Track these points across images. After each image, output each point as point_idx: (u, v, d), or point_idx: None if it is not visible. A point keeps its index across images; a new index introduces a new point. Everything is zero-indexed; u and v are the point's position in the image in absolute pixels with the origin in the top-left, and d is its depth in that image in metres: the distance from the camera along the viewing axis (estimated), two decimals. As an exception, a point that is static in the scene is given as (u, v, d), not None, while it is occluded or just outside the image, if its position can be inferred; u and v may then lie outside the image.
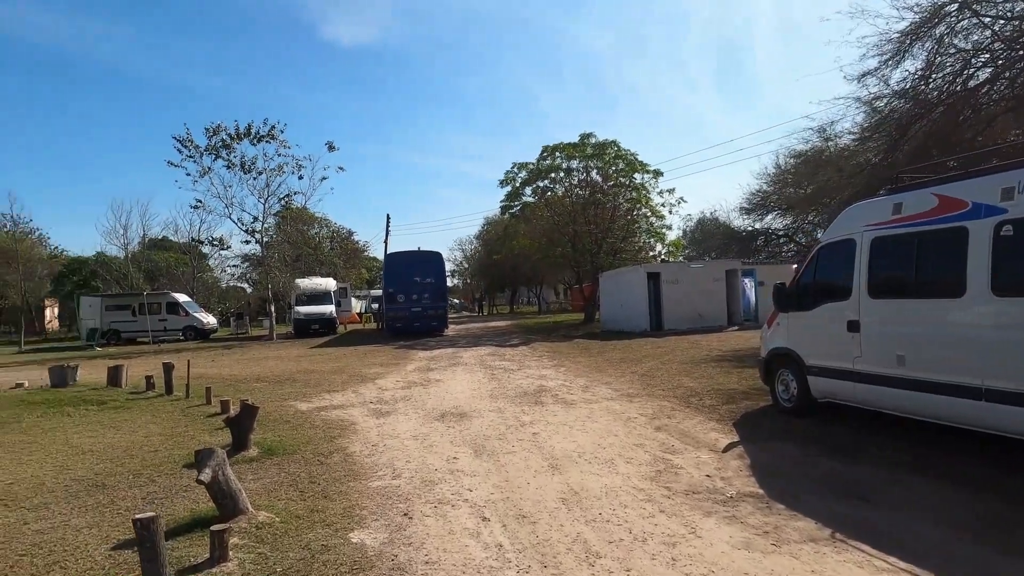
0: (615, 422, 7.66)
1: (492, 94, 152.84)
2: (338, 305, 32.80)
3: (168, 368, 11.48)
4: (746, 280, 23.37)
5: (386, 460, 6.32)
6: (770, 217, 36.65)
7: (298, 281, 32.80)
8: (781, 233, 36.32)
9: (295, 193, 29.49)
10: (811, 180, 23.23)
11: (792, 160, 32.89)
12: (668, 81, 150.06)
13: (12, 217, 44.16)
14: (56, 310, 51.15)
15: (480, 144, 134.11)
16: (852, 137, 16.94)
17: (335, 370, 14.85)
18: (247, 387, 12.30)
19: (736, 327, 22.05)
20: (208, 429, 8.11)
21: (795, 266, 17.79)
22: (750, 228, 37.05)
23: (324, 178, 29.66)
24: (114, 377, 12.41)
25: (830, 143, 18.22)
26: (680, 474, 5.51)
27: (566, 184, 28.59)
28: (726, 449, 6.23)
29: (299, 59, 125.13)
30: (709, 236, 44.25)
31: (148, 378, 11.97)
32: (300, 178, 29.15)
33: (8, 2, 73.04)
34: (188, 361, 11.53)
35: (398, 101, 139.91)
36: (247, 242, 30.43)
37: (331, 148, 29.81)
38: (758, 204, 36.33)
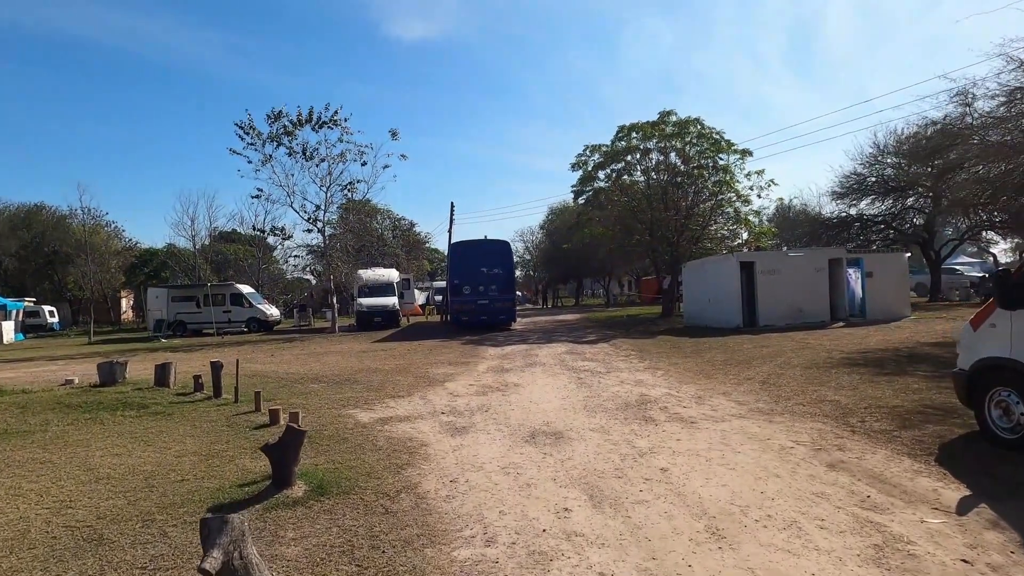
0: (765, 453, 5.78)
1: (554, 85, 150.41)
2: (401, 297, 31.71)
3: (216, 368, 10.23)
4: (851, 271, 20.75)
5: (471, 507, 4.67)
6: (865, 203, 33.45)
7: (360, 272, 31.86)
8: (879, 219, 33.01)
9: (357, 181, 28.41)
10: (939, 155, 20.24)
11: (913, 133, 29.62)
12: (736, 65, 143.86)
13: (85, 209, 45.36)
14: (132, 300, 52.37)
15: (542, 135, 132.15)
16: (999, 101, 14.27)
17: (399, 369, 13.41)
18: (303, 388, 10.96)
19: (841, 323, 19.53)
20: (251, 447, 6.67)
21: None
22: (843, 214, 33.89)
23: (387, 166, 28.51)
24: (161, 376, 11.30)
25: (968, 109, 15.52)
26: (917, 556, 3.62)
27: (643, 166, 26.40)
28: (962, 509, 4.28)
29: (363, 56, 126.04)
30: (793, 224, 41.08)
31: (196, 378, 10.79)
32: (363, 164, 28.07)
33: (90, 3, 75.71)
34: (237, 361, 10.25)
35: (459, 95, 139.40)
36: (309, 231, 29.59)
37: (394, 135, 28.60)
38: (852, 187, 33.19)
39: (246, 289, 33.09)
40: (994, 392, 5.70)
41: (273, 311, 33.31)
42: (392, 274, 32.67)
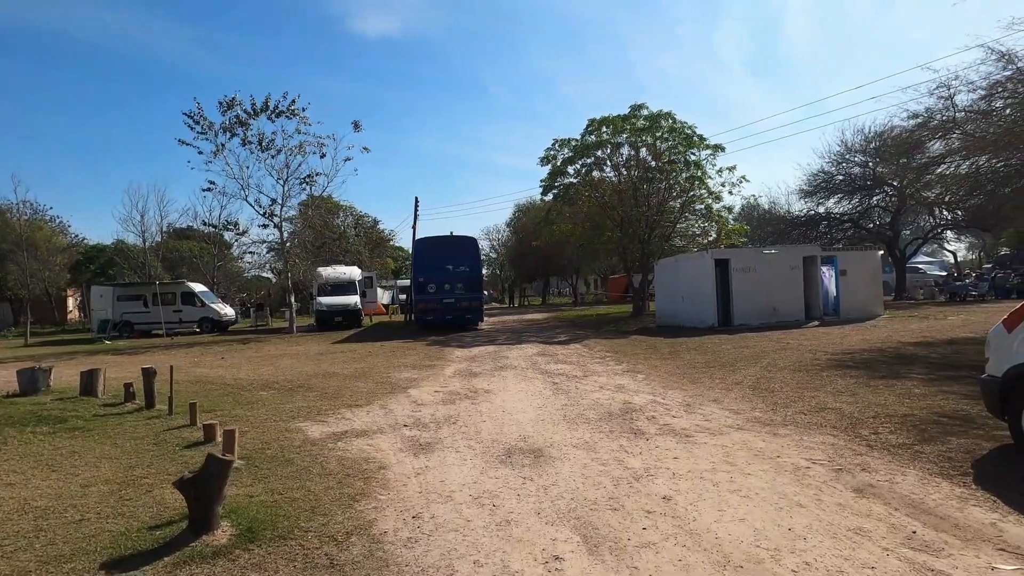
0: (779, 476, 4.99)
1: (518, 83, 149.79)
2: (363, 296, 30.47)
3: (149, 375, 9.08)
4: (824, 269, 20.39)
5: (438, 556, 3.75)
6: (832, 201, 33.50)
7: (320, 270, 30.57)
8: (846, 218, 33.07)
9: (317, 174, 27.11)
10: (914, 151, 20.00)
11: (880, 132, 29.59)
12: (699, 66, 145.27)
13: (25, 203, 42.75)
14: (78, 299, 49.67)
15: (507, 133, 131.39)
16: (978, 95, 13.92)
17: (359, 373, 12.39)
18: (250, 397, 9.88)
19: (816, 322, 19.16)
20: (176, 471, 5.61)
21: None
22: (811, 212, 33.89)
23: (348, 159, 27.29)
24: (88, 384, 10.07)
25: (945, 103, 15.17)
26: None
27: (614, 161, 25.72)
28: (1035, 550, 3.55)
29: (325, 51, 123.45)
30: (762, 222, 41.05)
31: (128, 386, 9.61)
32: (323, 157, 26.80)
33: (32, -13, 71.99)
34: (172, 368, 9.10)
35: (422, 91, 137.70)
36: (265, 226, 28.17)
37: (356, 127, 27.50)
38: (820, 186, 33.22)
39: (198, 287, 31.45)
40: (1036, 403, 5.03)
41: (228, 311, 31.73)
42: (354, 272, 31.41)
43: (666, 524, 4.10)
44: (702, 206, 25.89)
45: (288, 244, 29.35)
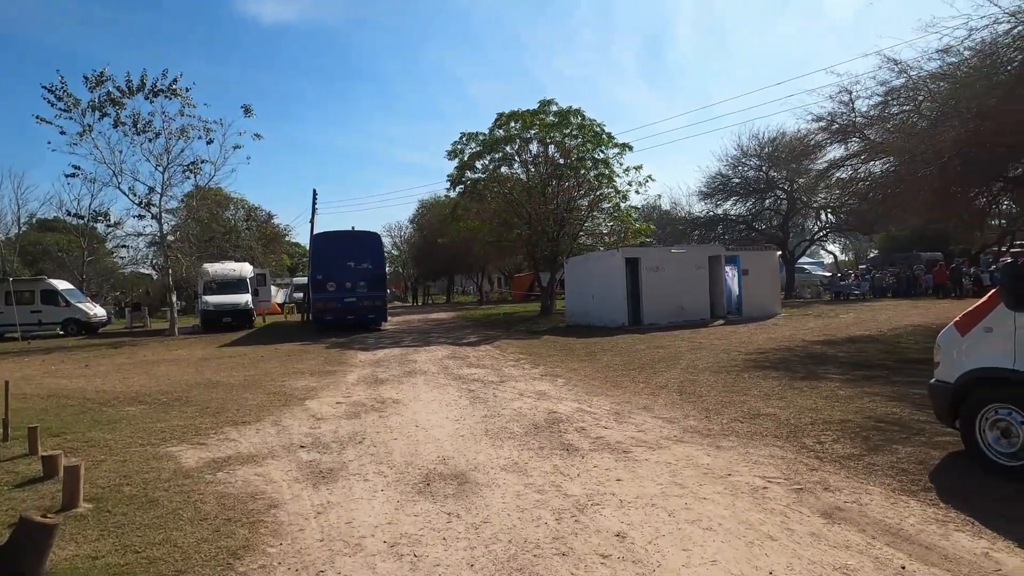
0: (738, 500, 4.45)
1: (421, 79, 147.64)
2: (255, 294, 28.29)
3: (-21, 392, 7.44)
4: (728, 268, 20.81)
5: (348, 639, 2.86)
6: (729, 203, 34.76)
7: (207, 266, 28.14)
8: (741, 219, 34.40)
9: (202, 161, 24.79)
10: (809, 157, 20.74)
11: (772, 138, 30.84)
12: (596, 69, 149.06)
13: None
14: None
15: (410, 128, 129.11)
16: (875, 101, 14.49)
17: (249, 382, 11.05)
18: (114, 414, 8.40)
19: (721, 320, 19.48)
20: (2, 522, 4.36)
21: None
22: (711, 213, 35.01)
23: (238, 146, 25.10)
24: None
25: (845, 108, 15.72)
26: None
27: (522, 157, 25.23)
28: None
29: (214, 35, 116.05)
30: (662, 222, 42.08)
31: (-49, 405, 7.87)
32: (209, 143, 24.52)
33: None
34: (7, 382, 7.50)
35: (321, 81, 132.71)
36: (141, 217, 25.46)
37: (247, 112, 25.36)
38: (718, 188, 34.34)
39: (62, 285, 28.04)
40: (989, 410, 4.77)
41: (98, 311, 28.53)
42: (245, 268, 29.11)
43: (628, 574, 3.40)
44: (610, 204, 25.90)
45: (170, 238, 26.79)
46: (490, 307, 38.64)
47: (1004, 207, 22.31)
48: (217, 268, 28.20)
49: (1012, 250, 14.98)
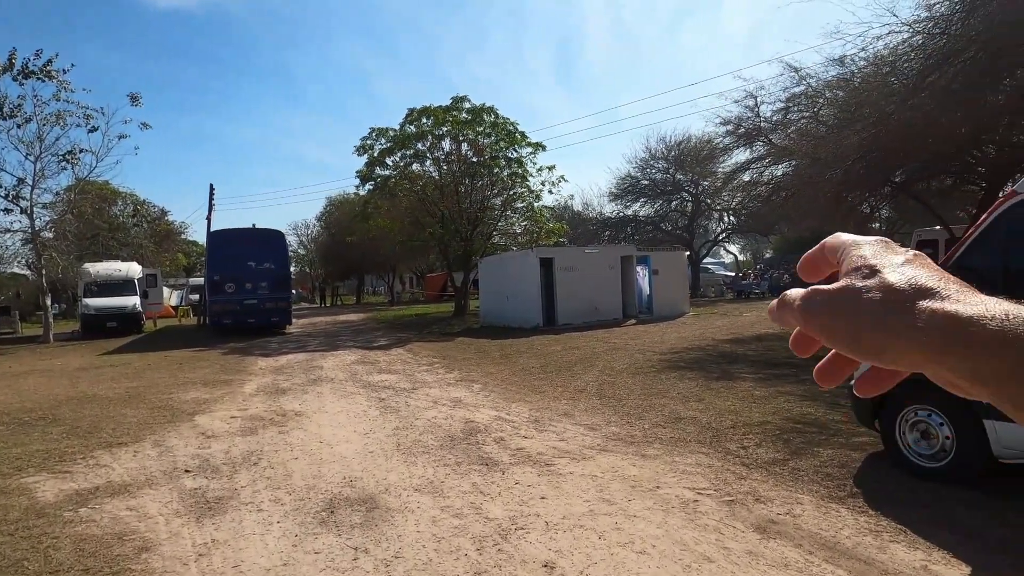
0: (669, 516, 4.18)
1: (328, 75, 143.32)
2: (145, 296, 26.15)
3: None
4: (639, 268, 21.12)
5: None
6: (638, 204, 35.56)
7: (87, 266, 25.72)
8: (649, 221, 35.27)
9: (81, 150, 22.59)
10: (713, 161, 21.35)
11: (678, 142, 31.73)
12: (509, 70, 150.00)
13: None
14: None
15: (315, 125, 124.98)
16: (777, 107, 15.03)
17: (130, 395, 9.94)
18: (-41, 439, 7.22)
19: (633, 320, 19.71)
20: None
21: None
22: (620, 214, 35.67)
23: (123, 136, 23.08)
24: None
25: (751, 112, 16.26)
26: None
27: (435, 155, 24.61)
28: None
29: (102, 19, 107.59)
30: (573, 223, 42.54)
31: None
32: (91, 131, 22.37)
33: None
34: None
35: (220, 72, 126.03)
36: (7, 211, 22.91)
37: (135, 100, 23.31)
38: (627, 189, 35.04)
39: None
40: (910, 411, 4.76)
41: (-43, 316, 25.51)
42: (132, 268, 26.83)
43: (561, 614, 3.03)
44: (523, 204, 25.75)
45: (47, 235, 24.23)
46: (402, 308, 37.72)
47: (884, 214, 24.05)
48: (100, 268, 25.85)
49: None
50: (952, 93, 8.47)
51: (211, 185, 29.83)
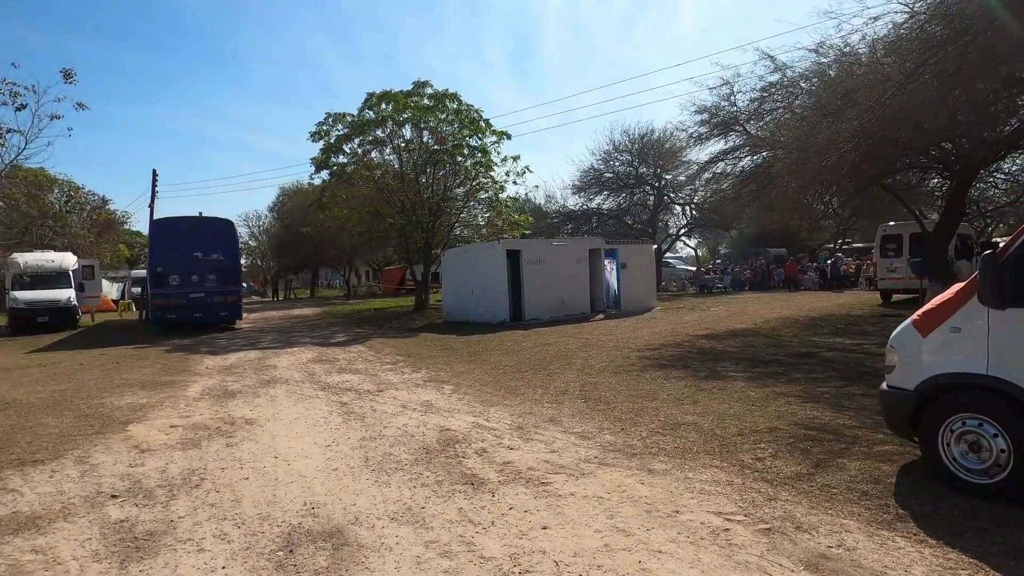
0: (701, 551, 3.51)
1: (280, 62, 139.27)
2: (81, 289, 24.39)
3: None
4: (607, 262, 20.62)
5: None
6: (601, 197, 35.14)
7: (15, 256, 23.87)
8: (611, 214, 34.89)
9: (9, 131, 20.85)
10: (679, 156, 20.95)
11: (641, 135, 31.41)
12: (466, 62, 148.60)
13: None
14: None
15: (267, 113, 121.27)
16: (752, 96, 14.65)
17: (55, 400, 8.83)
18: None
19: (601, 315, 19.22)
20: None
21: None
22: (584, 207, 35.20)
23: (57, 116, 21.38)
24: None
25: (727, 101, 15.85)
26: None
27: (395, 143, 23.59)
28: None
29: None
30: (537, 215, 41.93)
31: None
32: (21, 108, 20.62)
33: None
34: None
35: (166, 56, 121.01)
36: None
37: (68, 77, 21.52)
38: (590, 182, 34.58)
39: None
40: (955, 420, 4.22)
41: None
42: (67, 259, 25.00)
43: None
44: (487, 195, 24.96)
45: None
46: (359, 302, 36.53)
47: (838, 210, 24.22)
48: (30, 258, 24.00)
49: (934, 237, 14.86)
50: (948, 78, 8.09)
51: (154, 171, 28.08)
